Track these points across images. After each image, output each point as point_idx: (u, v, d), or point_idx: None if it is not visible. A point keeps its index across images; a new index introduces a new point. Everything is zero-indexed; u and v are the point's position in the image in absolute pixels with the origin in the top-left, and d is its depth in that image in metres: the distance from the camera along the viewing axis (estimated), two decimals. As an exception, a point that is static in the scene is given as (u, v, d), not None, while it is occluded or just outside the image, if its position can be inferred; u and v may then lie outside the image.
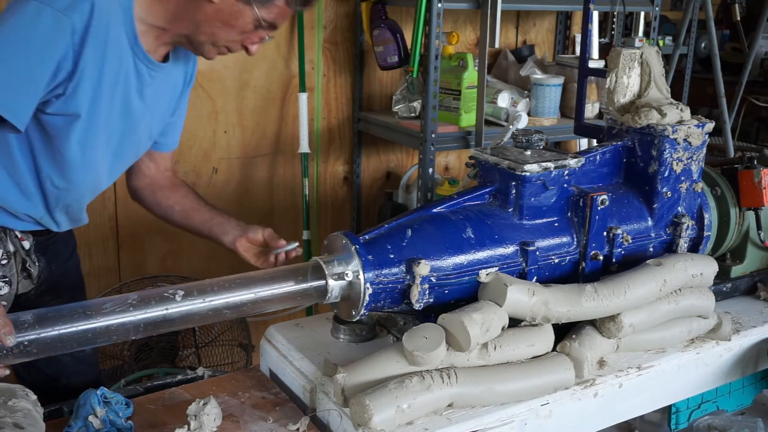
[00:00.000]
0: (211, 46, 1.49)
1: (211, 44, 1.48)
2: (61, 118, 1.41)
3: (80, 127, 1.43)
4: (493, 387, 1.21)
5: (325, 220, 3.13)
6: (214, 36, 1.46)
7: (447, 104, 2.72)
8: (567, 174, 1.37)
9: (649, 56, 1.55)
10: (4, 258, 1.51)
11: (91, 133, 1.46)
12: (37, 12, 1.30)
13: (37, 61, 1.32)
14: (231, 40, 1.48)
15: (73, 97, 1.39)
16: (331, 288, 1.23)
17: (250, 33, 1.48)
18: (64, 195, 1.54)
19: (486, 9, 2.56)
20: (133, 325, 1.13)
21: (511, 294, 1.23)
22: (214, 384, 1.39)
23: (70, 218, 1.62)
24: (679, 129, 1.45)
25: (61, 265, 1.69)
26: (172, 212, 1.71)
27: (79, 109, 1.41)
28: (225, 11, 1.42)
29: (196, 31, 1.45)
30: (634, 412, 1.41)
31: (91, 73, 1.39)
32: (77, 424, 1.19)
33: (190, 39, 1.48)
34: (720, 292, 1.61)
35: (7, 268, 1.52)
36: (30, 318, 1.08)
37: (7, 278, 1.52)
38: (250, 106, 2.86)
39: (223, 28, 1.45)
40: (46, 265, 1.63)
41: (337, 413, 1.21)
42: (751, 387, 1.60)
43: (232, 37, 1.47)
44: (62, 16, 1.31)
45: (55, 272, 1.66)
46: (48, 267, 1.63)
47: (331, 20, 2.95)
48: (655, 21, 3.05)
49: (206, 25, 1.44)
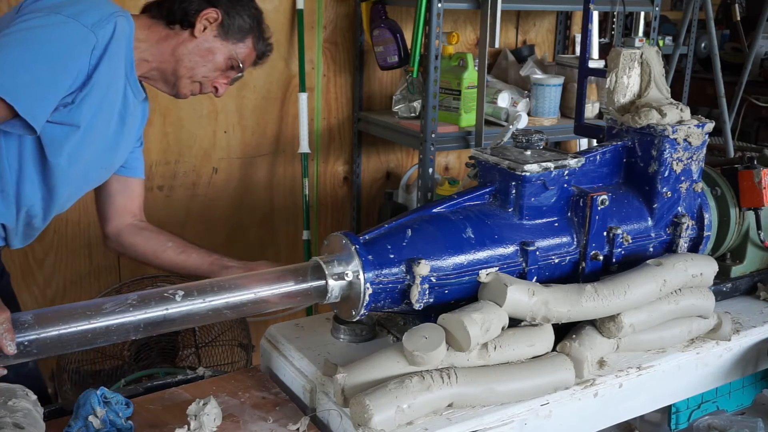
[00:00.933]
0: (189, 81, 1.60)
1: (188, 78, 1.59)
2: (61, 127, 1.45)
3: (75, 139, 1.48)
4: (493, 387, 1.21)
5: (325, 220, 3.14)
6: (192, 70, 1.58)
7: (447, 104, 2.72)
8: (567, 174, 1.37)
9: (649, 56, 1.55)
10: None
11: (82, 147, 1.51)
12: (64, 24, 1.38)
13: (60, 69, 1.38)
14: (206, 77, 1.61)
15: (79, 108, 1.44)
16: (331, 288, 1.23)
17: (221, 72, 1.62)
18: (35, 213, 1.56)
19: (486, 9, 2.56)
20: (133, 326, 1.13)
21: (511, 294, 1.23)
22: (214, 384, 1.39)
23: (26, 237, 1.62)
24: (679, 129, 1.45)
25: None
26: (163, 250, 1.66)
27: (80, 120, 1.46)
28: (204, 46, 1.57)
29: (178, 65, 1.57)
30: (634, 412, 1.41)
31: (99, 90, 1.45)
32: (77, 424, 1.19)
33: (173, 72, 1.58)
34: (720, 292, 1.61)
35: None
36: (30, 318, 1.08)
37: None
38: (250, 106, 2.86)
39: (202, 63, 1.58)
40: None
41: (337, 413, 1.21)
42: (751, 387, 1.60)
43: (208, 73, 1.60)
44: (89, 31, 1.40)
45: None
46: None
47: (331, 20, 2.95)
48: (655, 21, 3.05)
49: (187, 59, 1.57)
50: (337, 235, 1.27)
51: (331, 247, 1.29)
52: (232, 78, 1.66)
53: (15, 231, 1.58)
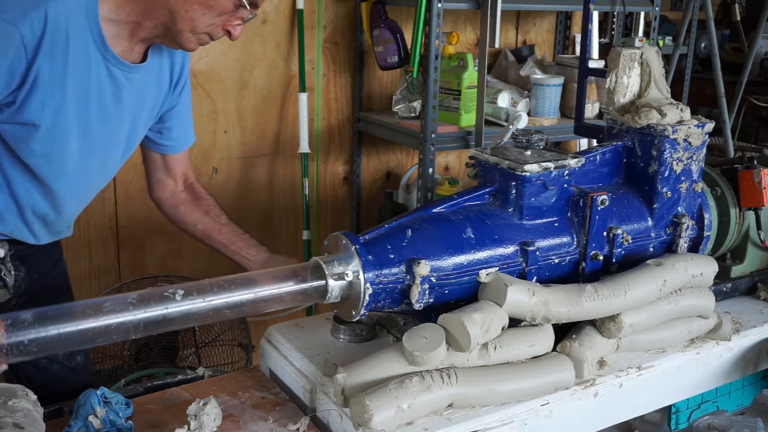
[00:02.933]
0: (191, 35, 1.41)
1: (190, 32, 1.40)
2: (15, 127, 1.37)
3: (42, 138, 1.40)
4: (493, 387, 1.21)
5: (325, 220, 3.14)
6: (193, 22, 1.39)
7: (447, 104, 2.72)
8: (567, 174, 1.37)
9: (649, 56, 1.55)
10: None
11: (58, 146, 1.43)
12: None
13: None
14: (211, 24, 1.41)
15: (25, 107, 1.35)
16: (331, 288, 1.23)
17: (229, 14, 1.40)
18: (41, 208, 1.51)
19: (486, 9, 2.56)
20: (132, 325, 1.13)
21: (511, 294, 1.23)
22: (214, 384, 1.39)
23: (54, 232, 1.59)
24: (679, 129, 1.45)
25: (43, 274, 1.65)
26: (194, 230, 1.70)
27: (34, 118, 1.37)
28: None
29: (173, 18, 1.38)
30: (634, 412, 1.41)
31: (49, 84, 1.35)
32: (77, 424, 1.19)
33: (168, 29, 1.41)
34: (720, 292, 1.61)
35: None
36: (30, 317, 1.08)
37: None
38: (250, 106, 2.86)
39: (201, 11, 1.38)
40: (26, 275, 1.58)
41: (337, 413, 1.21)
42: (751, 387, 1.60)
43: (211, 21, 1.40)
44: (10, 26, 1.28)
45: (37, 282, 1.62)
46: (29, 277, 1.59)
47: (331, 20, 2.95)
48: (655, 21, 3.05)
49: (183, 11, 1.37)
50: (337, 235, 1.27)
51: (331, 247, 1.29)
52: (246, 18, 1.44)
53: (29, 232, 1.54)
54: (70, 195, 1.53)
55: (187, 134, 1.72)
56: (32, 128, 1.38)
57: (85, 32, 1.38)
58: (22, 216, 1.51)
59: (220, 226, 1.68)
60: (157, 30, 1.43)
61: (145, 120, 1.60)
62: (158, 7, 1.38)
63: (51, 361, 1.66)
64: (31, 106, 1.35)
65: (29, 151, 1.41)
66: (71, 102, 1.40)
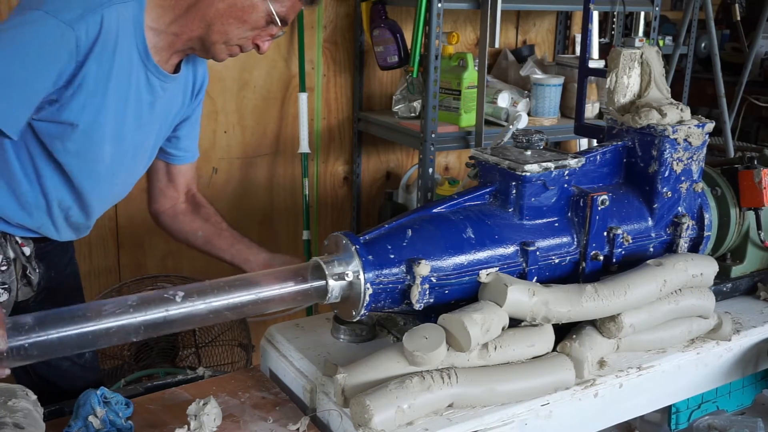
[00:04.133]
0: (223, 46, 1.47)
1: (223, 43, 1.46)
2: (53, 125, 1.39)
3: (78, 138, 1.41)
4: (494, 387, 1.21)
5: (325, 220, 3.14)
6: (227, 34, 1.44)
7: (447, 104, 2.72)
8: (567, 174, 1.37)
9: (649, 56, 1.55)
10: (4, 264, 1.49)
11: (93, 147, 1.44)
12: (42, 22, 1.29)
13: (36, 70, 1.30)
14: (243, 38, 1.47)
15: (67, 106, 1.37)
16: (332, 288, 1.23)
17: (261, 29, 1.47)
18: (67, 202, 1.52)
19: (486, 9, 2.56)
20: (133, 327, 1.13)
21: (512, 294, 1.23)
22: (214, 384, 1.39)
23: (74, 229, 1.60)
24: (679, 129, 1.45)
25: (59, 272, 1.67)
26: (195, 238, 1.70)
27: (73, 118, 1.39)
28: (237, 6, 1.42)
29: (209, 30, 1.44)
30: (634, 412, 1.41)
31: (92, 86, 1.37)
32: (77, 424, 1.19)
33: (203, 40, 1.46)
34: (720, 292, 1.61)
35: (7, 274, 1.50)
36: (30, 321, 1.08)
37: (6, 285, 1.50)
38: (250, 106, 2.86)
39: (236, 25, 1.43)
40: (45, 272, 1.61)
41: (337, 413, 1.21)
42: (751, 387, 1.60)
43: (244, 34, 1.46)
44: (67, 28, 1.30)
45: (54, 279, 1.64)
46: (47, 274, 1.61)
47: (331, 20, 2.95)
48: (655, 21, 3.05)
49: (219, 23, 1.43)
50: (337, 235, 1.27)
51: (331, 247, 1.29)
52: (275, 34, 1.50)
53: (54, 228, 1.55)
54: (96, 195, 1.55)
55: (194, 147, 1.74)
56: (69, 128, 1.40)
57: (130, 39, 1.41)
58: (49, 211, 1.52)
59: (220, 231, 1.68)
60: (192, 42, 1.48)
61: (167, 129, 1.62)
62: (196, 18, 1.44)
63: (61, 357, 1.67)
64: (72, 106, 1.37)
65: (64, 150, 1.43)
66: (111, 106, 1.42)
